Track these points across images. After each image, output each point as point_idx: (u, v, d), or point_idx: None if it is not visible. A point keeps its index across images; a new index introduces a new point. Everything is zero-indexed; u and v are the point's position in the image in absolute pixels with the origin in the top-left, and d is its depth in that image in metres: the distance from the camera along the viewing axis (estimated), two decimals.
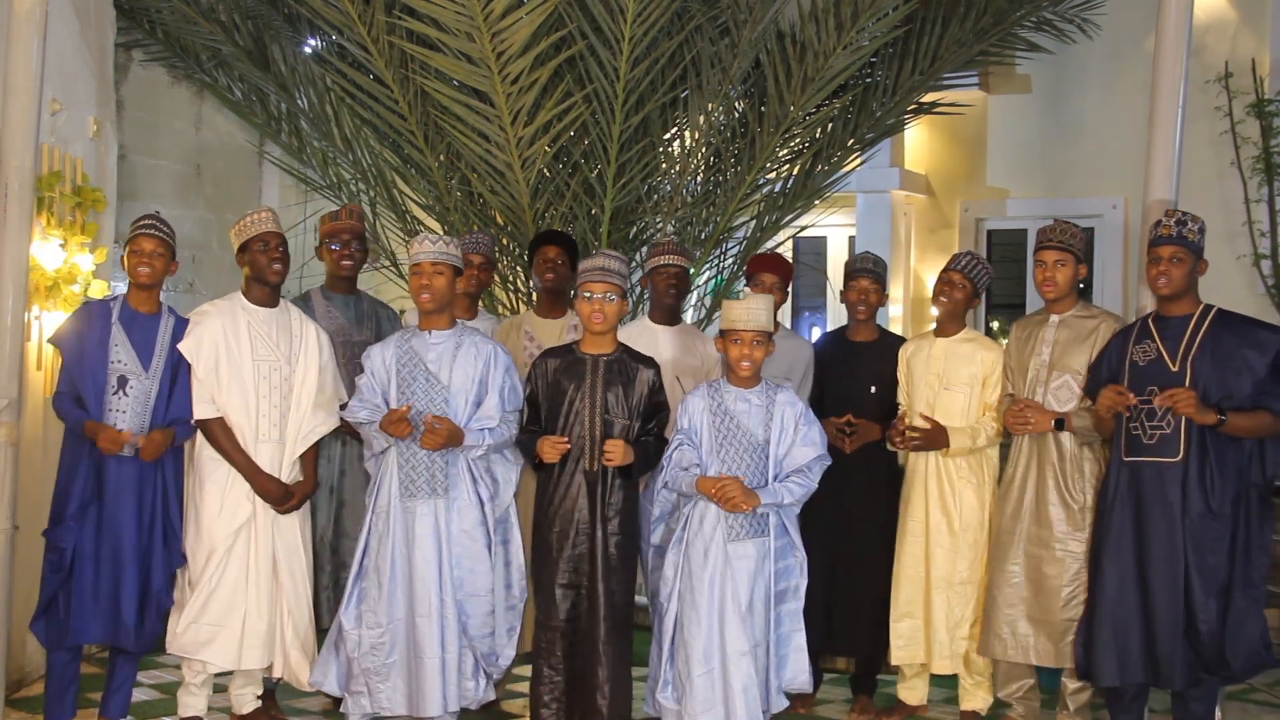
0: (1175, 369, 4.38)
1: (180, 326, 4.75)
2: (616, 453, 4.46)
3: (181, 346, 4.68)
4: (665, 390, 4.65)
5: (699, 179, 6.61)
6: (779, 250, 7.15)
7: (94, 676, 5.13)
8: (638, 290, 6.03)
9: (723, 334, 4.43)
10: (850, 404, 5.10)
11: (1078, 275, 4.79)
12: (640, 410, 4.56)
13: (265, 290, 4.80)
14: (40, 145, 4.96)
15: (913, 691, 5.14)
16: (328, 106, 6.78)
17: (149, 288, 4.71)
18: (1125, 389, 4.40)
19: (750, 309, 4.36)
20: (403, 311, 5.49)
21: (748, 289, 4.79)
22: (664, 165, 6.49)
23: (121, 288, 6.94)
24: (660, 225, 6.51)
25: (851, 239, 9.14)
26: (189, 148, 7.77)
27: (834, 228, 9.05)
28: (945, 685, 5.28)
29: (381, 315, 5.25)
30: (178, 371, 4.70)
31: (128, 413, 4.59)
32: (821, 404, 5.13)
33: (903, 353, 5.11)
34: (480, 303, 5.46)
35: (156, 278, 4.70)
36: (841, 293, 5.27)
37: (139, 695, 5.29)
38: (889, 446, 5.06)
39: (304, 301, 5.08)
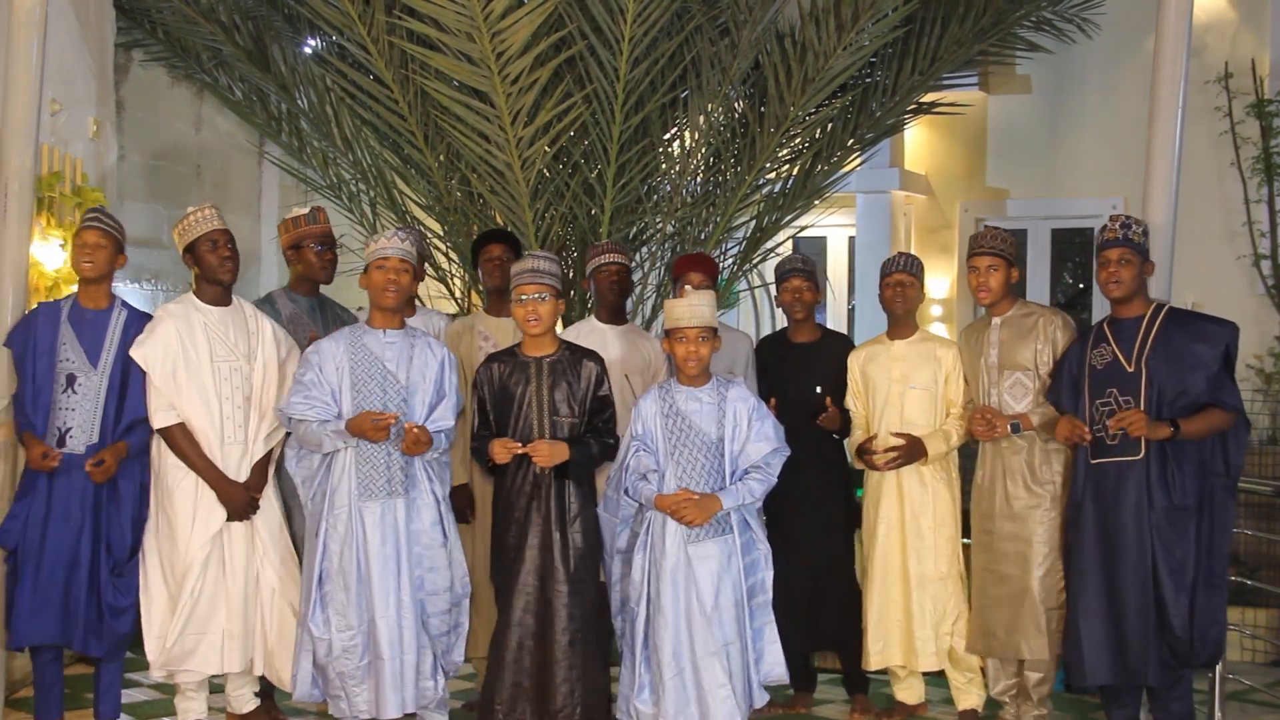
0: (1131, 369, 4.46)
1: (134, 320, 4.69)
2: (543, 452, 4.42)
3: (133, 354, 4.60)
4: (613, 386, 4.64)
5: (699, 179, 6.60)
6: (778, 250, 7.16)
7: (89, 677, 5.10)
8: (636, 290, 6.03)
9: (668, 334, 4.43)
10: (799, 406, 5.09)
11: (1010, 278, 4.87)
12: (587, 405, 4.56)
13: (218, 290, 4.71)
14: (40, 145, 4.97)
15: (910, 691, 5.14)
16: (328, 107, 6.78)
17: (95, 281, 4.66)
18: (1081, 423, 4.47)
19: (692, 305, 4.37)
20: (359, 309, 5.42)
21: (688, 287, 4.80)
22: (664, 165, 6.48)
23: (122, 289, 6.97)
24: (660, 225, 6.50)
25: (851, 239, 9.14)
26: (189, 148, 7.77)
27: (834, 228, 9.05)
28: (945, 684, 5.27)
29: (345, 318, 5.14)
30: (129, 368, 4.63)
31: (77, 410, 4.56)
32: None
33: (853, 360, 5.10)
34: (415, 299, 5.40)
35: (100, 270, 4.64)
36: (776, 296, 5.29)
37: (137, 696, 5.28)
38: (860, 465, 5.05)
39: (268, 303, 4.99)
